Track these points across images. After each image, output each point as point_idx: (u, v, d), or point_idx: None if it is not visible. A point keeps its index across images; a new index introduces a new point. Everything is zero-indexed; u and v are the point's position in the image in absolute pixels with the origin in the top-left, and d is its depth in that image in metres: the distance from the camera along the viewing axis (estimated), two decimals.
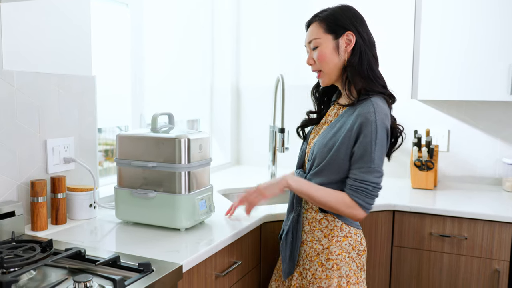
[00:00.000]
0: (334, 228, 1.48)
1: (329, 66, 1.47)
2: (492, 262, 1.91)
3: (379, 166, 1.39)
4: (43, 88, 1.62)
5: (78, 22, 1.76)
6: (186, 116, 2.78)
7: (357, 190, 1.39)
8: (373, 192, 1.40)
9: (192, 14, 2.72)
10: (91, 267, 1.22)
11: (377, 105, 1.38)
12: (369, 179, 1.38)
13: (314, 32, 1.48)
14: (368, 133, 1.36)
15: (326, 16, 1.47)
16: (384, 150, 1.41)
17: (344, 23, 1.45)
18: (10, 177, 1.52)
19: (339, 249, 1.46)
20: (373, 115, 1.36)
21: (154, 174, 1.57)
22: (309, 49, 1.52)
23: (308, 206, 1.53)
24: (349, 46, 1.45)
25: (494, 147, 2.47)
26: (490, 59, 2.18)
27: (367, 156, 1.37)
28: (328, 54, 1.46)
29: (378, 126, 1.36)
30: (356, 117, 1.39)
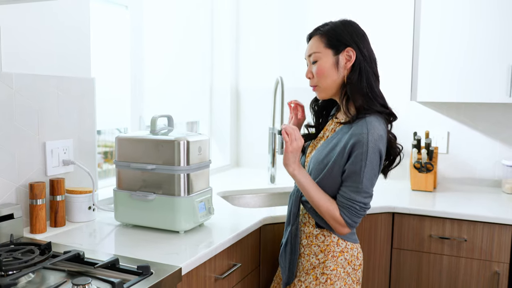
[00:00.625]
0: (331, 243, 1.48)
1: (327, 82, 1.46)
2: (491, 264, 1.91)
3: (367, 187, 1.39)
4: (42, 90, 1.62)
5: (78, 24, 1.76)
6: (186, 118, 2.78)
7: (346, 208, 1.40)
8: (360, 211, 1.40)
9: (192, 16, 2.72)
10: (90, 270, 1.22)
11: (371, 126, 1.37)
12: (356, 198, 1.39)
13: (315, 46, 1.47)
14: (359, 154, 1.36)
15: (327, 30, 1.46)
16: (375, 171, 1.40)
17: (345, 38, 1.43)
18: (9, 180, 1.52)
19: (334, 264, 1.47)
20: (365, 136, 1.35)
21: (154, 177, 1.56)
22: (309, 63, 1.50)
23: (306, 220, 1.53)
24: (349, 63, 1.43)
25: (494, 149, 2.47)
26: (489, 61, 2.18)
27: (356, 176, 1.38)
28: (327, 69, 1.44)
29: (370, 148, 1.36)
30: (350, 136, 1.38)
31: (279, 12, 2.87)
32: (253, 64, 2.97)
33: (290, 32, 2.85)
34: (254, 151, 3.01)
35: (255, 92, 2.98)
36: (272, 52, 2.91)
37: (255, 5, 2.94)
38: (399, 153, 1.49)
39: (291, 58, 2.85)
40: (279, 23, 2.88)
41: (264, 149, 2.87)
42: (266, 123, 2.85)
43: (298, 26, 2.80)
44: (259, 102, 2.96)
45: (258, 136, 2.97)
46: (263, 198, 2.42)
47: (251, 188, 2.40)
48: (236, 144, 3.06)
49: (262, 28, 2.93)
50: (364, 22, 2.62)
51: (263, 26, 2.93)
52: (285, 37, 2.87)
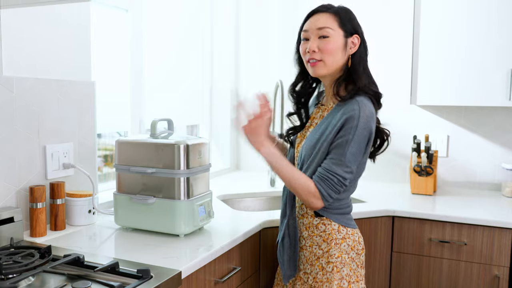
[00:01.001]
0: (332, 231, 1.48)
1: (334, 60, 1.46)
2: (492, 268, 1.91)
3: (350, 162, 1.39)
4: (43, 94, 1.62)
5: (78, 27, 1.76)
6: (186, 121, 2.78)
7: (323, 179, 1.40)
8: (337, 184, 1.40)
9: (191, 20, 2.73)
10: (90, 274, 1.22)
11: (362, 103, 1.40)
12: (336, 171, 1.39)
13: (328, 21, 1.45)
14: (348, 128, 1.38)
15: (341, 11, 1.47)
16: (361, 148, 1.41)
17: (355, 24, 1.48)
18: (9, 183, 1.52)
19: (338, 252, 1.47)
20: (357, 112, 1.38)
21: (153, 180, 1.56)
22: (314, 36, 1.47)
23: (304, 212, 1.53)
24: (353, 49, 1.47)
25: (494, 153, 2.47)
26: (489, 64, 2.18)
27: (341, 149, 1.39)
28: (337, 48, 1.45)
29: (360, 123, 1.37)
30: (341, 115, 1.40)
31: (279, 16, 2.88)
32: (252, 68, 2.98)
33: (290, 35, 2.85)
34: (254, 155, 2.98)
35: None
36: (271, 56, 2.91)
37: (254, 9, 2.94)
38: (387, 137, 1.51)
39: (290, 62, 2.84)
40: (279, 27, 2.88)
41: None
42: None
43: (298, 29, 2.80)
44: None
45: None
46: (263, 201, 2.42)
47: (251, 192, 2.40)
48: (236, 148, 3.06)
49: (261, 32, 2.94)
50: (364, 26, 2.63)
51: (262, 30, 2.93)
52: (285, 41, 2.87)
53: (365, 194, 2.29)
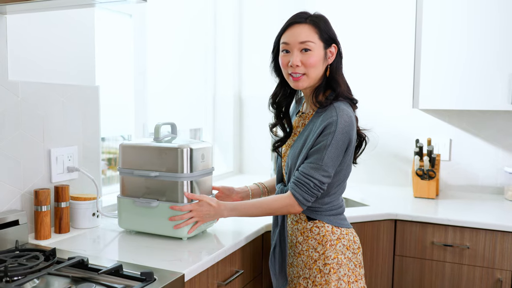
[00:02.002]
0: (326, 233, 1.50)
1: (316, 73, 1.49)
2: (494, 272, 1.91)
3: (327, 166, 1.41)
4: (48, 98, 1.64)
5: (83, 33, 1.78)
6: (189, 125, 2.79)
7: (299, 184, 1.43)
8: (313, 189, 1.42)
9: (195, 24, 2.75)
10: (94, 276, 1.23)
11: (340, 109, 1.43)
12: (314, 175, 1.41)
13: (309, 34, 1.47)
14: (327, 133, 1.41)
15: (319, 22, 1.48)
16: (339, 152, 1.42)
17: (333, 35, 1.50)
18: (14, 186, 1.54)
19: (334, 253, 1.49)
20: (335, 118, 1.41)
21: (157, 184, 1.58)
22: (296, 50, 1.47)
23: (297, 218, 1.55)
24: (331, 59, 1.50)
25: (496, 156, 2.47)
26: (490, 68, 2.19)
27: (319, 153, 1.41)
28: (319, 61, 1.48)
29: (338, 129, 1.40)
30: (321, 122, 1.43)
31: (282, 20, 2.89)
32: (255, 71, 2.99)
33: None
34: (256, 158, 3.02)
35: (257, 100, 2.99)
36: None
37: (257, 14, 2.96)
38: (364, 138, 1.54)
39: None
40: None
41: (266, 156, 2.88)
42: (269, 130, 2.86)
43: None
44: (262, 109, 2.95)
45: (260, 143, 2.98)
46: None
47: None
48: (239, 151, 3.07)
49: (264, 36, 2.95)
50: (366, 31, 2.65)
51: (265, 34, 2.95)
52: None
53: (367, 197, 2.30)
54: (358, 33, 2.66)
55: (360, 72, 2.65)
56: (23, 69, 1.56)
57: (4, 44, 1.49)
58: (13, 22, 1.52)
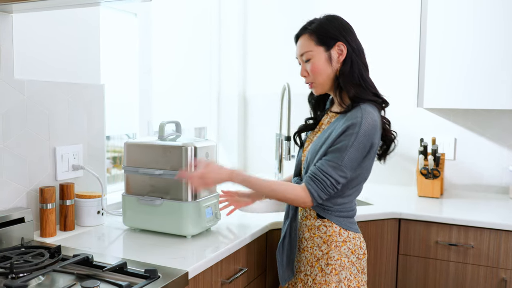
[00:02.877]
0: (333, 233, 1.49)
1: (323, 78, 1.50)
2: (498, 271, 1.90)
3: (346, 167, 1.40)
4: (53, 97, 1.65)
5: (88, 31, 1.79)
6: (193, 124, 2.80)
7: (315, 180, 1.42)
8: (329, 187, 1.41)
9: (199, 23, 2.75)
10: (98, 273, 1.24)
11: (365, 111, 1.41)
12: (331, 173, 1.40)
13: (305, 44, 1.51)
14: (349, 134, 1.40)
15: (316, 28, 1.50)
16: (360, 155, 1.42)
17: (334, 34, 1.48)
18: (20, 184, 1.55)
19: (338, 254, 1.48)
20: (359, 120, 1.40)
21: (161, 182, 1.58)
22: (301, 62, 1.55)
23: (307, 214, 1.55)
24: (341, 56, 1.48)
25: (501, 156, 2.46)
26: (496, 67, 2.18)
27: (340, 152, 1.40)
28: (321, 66, 1.49)
29: (361, 130, 1.39)
30: (345, 121, 1.43)
31: (286, 19, 2.89)
32: (260, 70, 2.99)
33: None
34: (261, 157, 3.02)
35: (262, 98, 3.00)
36: (279, 59, 2.93)
37: (262, 12, 2.96)
38: (394, 139, 1.53)
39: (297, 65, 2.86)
40: (286, 30, 2.89)
41: (271, 155, 2.88)
42: (273, 129, 2.86)
43: None
44: (266, 108, 2.98)
45: (265, 142, 2.98)
46: (270, 203, 2.43)
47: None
48: (243, 150, 3.08)
49: (269, 35, 2.95)
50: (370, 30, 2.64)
51: (270, 33, 2.95)
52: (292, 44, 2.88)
53: (371, 196, 2.30)
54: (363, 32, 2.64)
55: None
56: (29, 67, 1.57)
57: (10, 43, 1.50)
58: (19, 21, 1.53)
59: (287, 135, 2.34)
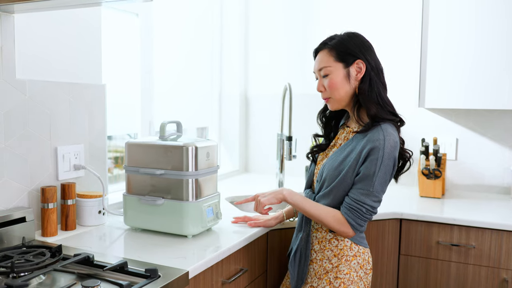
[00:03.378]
0: (344, 247, 1.50)
1: (340, 94, 1.49)
2: (500, 272, 1.90)
3: (378, 192, 1.42)
4: (54, 97, 1.65)
5: (89, 31, 1.80)
6: (195, 124, 2.80)
7: (351, 210, 1.43)
8: (366, 214, 1.43)
9: (201, 23, 2.76)
10: (99, 273, 1.24)
11: (387, 132, 1.42)
12: (365, 201, 1.42)
13: (324, 60, 1.50)
14: (375, 159, 1.40)
15: (336, 44, 1.49)
16: (388, 178, 1.44)
17: (354, 51, 1.48)
18: (21, 184, 1.55)
19: (347, 268, 1.48)
20: (382, 142, 1.40)
21: (162, 182, 1.59)
22: (319, 76, 1.53)
23: (318, 226, 1.55)
24: (360, 74, 1.48)
25: (503, 156, 2.46)
26: (497, 67, 2.18)
27: (369, 179, 1.41)
28: (339, 82, 1.48)
29: (385, 154, 1.40)
30: (366, 142, 1.42)
31: (288, 20, 2.89)
32: (261, 71, 3.00)
33: (298, 39, 2.87)
34: (262, 157, 3.03)
35: (263, 99, 3.00)
36: (280, 59, 2.93)
37: (264, 12, 2.96)
38: (409, 158, 1.53)
39: (299, 65, 2.86)
40: (288, 31, 2.90)
41: (272, 155, 2.89)
42: (275, 129, 2.87)
43: (306, 33, 2.83)
44: (268, 108, 2.98)
45: (266, 142, 2.98)
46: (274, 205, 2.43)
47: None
48: (245, 150, 3.08)
49: (270, 35, 2.95)
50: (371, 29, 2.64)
51: (271, 34, 2.95)
52: (293, 44, 2.89)
53: None
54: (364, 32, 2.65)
55: None
56: (31, 67, 1.58)
57: (11, 43, 1.50)
58: (20, 21, 1.53)
59: (288, 135, 2.34)
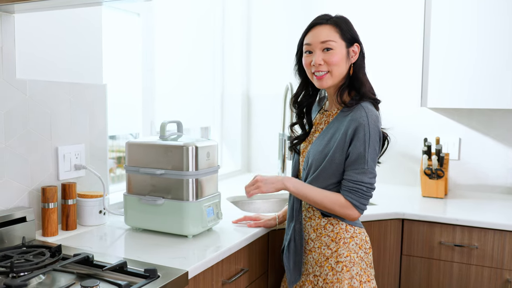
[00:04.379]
0: (340, 230, 1.50)
1: (339, 71, 1.50)
2: (503, 272, 1.89)
3: (372, 168, 1.45)
4: (55, 96, 1.65)
5: (90, 31, 1.80)
6: (197, 123, 2.80)
7: (352, 191, 1.44)
8: (367, 192, 1.45)
9: (203, 23, 2.75)
10: (98, 273, 1.24)
11: (368, 109, 1.45)
12: (363, 179, 1.43)
13: (330, 34, 1.49)
14: (362, 136, 1.42)
15: (340, 22, 1.51)
16: (377, 151, 1.47)
17: (354, 34, 1.52)
18: (22, 184, 1.55)
19: (347, 251, 1.49)
20: (365, 119, 1.42)
21: (163, 181, 1.58)
22: (318, 50, 1.50)
23: (310, 214, 1.55)
24: (354, 58, 1.52)
25: (506, 156, 2.44)
26: (500, 66, 2.16)
27: (361, 158, 1.43)
28: (342, 59, 1.49)
29: (371, 129, 1.42)
30: (349, 122, 1.44)
31: (289, 19, 2.89)
32: (263, 70, 2.99)
33: None
34: (264, 157, 3.02)
35: (265, 99, 2.99)
36: (282, 59, 2.92)
37: (266, 12, 2.96)
38: (386, 138, 1.54)
39: None
40: (289, 30, 2.89)
41: (274, 155, 2.88)
42: (277, 129, 2.86)
43: None
44: (270, 108, 2.97)
45: (268, 142, 2.98)
46: (273, 203, 2.43)
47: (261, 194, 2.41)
48: (247, 150, 3.08)
49: (272, 35, 2.95)
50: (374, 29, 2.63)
51: (273, 34, 2.95)
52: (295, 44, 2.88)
53: (375, 196, 2.28)
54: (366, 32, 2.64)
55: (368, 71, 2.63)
56: (31, 67, 1.58)
57: (12, 42, 1.51)
58: (21, 21, 1.53)
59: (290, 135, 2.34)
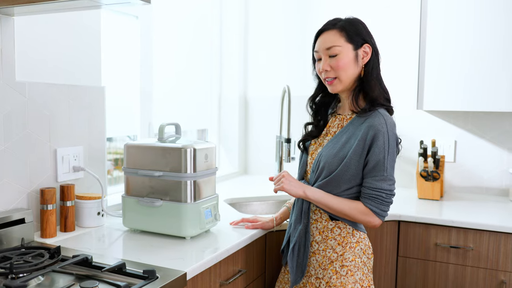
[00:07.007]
0: (347, 235, 1.50)
1: (347, 75, 1.49)
2: (498, 274, 1.91)
3: (391, 174, 1.45)
4: (54, 99, 1.66)
5: (89, 34, 1.80)
6: (195, 126, 2.81)
7: (372, 198, 1.44)
8: (386, 199, 1.45)
9: (200, 26, 2.77)
10: (97, 274, 1.25)
11: (386, 116, 1.45)
12: (382, 186, 1.43)
13: (334, 39, 1.49)
14: (381, 143, 1.42)
15: (347, 25, 1.50)
16: (395, 158, 1.47)
17: (363, 34, 1.51)
18: (21, 185, 1.56)
19: (352, 255, 1.49)
20: (384, 126, 1.42)
21: (161, 183, 1.59)
22: (324, 56, 1.51)
23: (317, 216, 1.54)
24: (366, 58, 1.50)
25: (501, 158, 2.46)
26: (496, 69, 2.18)
27: (380, 165, 1.43)
28: (349, 63, 1.49)
29: (390, 137, 1.43)
30: (367, 128, 1.43)
31: (287, 22, 2.90)
32: (261, 73, 3.01)
33: (298, 41, 2.88)
34: (261, 159, 3.03)
35: (263, 101, 3.01)
36: (279, 61, 2.94)
37: (263, 15, 2.98)
38: (399, 143, 1.54)
39: (298, 67, 2.87)
40: (287, 33, 2.91)
41: (271, 157, 2.89)
42: (274, 131, 2.87)
43: (305, 35, 2.83)
44: (267, 110, 2.99)
45: (265, 144, 2.99)
46: (270, 205, 2.44)
47: (259, 196, 2.43)
48: (244, 152, 3.09)
49: (270, 37, 2.96)
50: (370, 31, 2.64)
51: (271, 36, 2.96)
52: (292, 47, 2.90)
53: None
54: None
55: None
56: (30, 69, 1.59)
57: (11, 45, 1.51)
58: (20, 24, 1.54)
59: (287, 137, 2.35)
